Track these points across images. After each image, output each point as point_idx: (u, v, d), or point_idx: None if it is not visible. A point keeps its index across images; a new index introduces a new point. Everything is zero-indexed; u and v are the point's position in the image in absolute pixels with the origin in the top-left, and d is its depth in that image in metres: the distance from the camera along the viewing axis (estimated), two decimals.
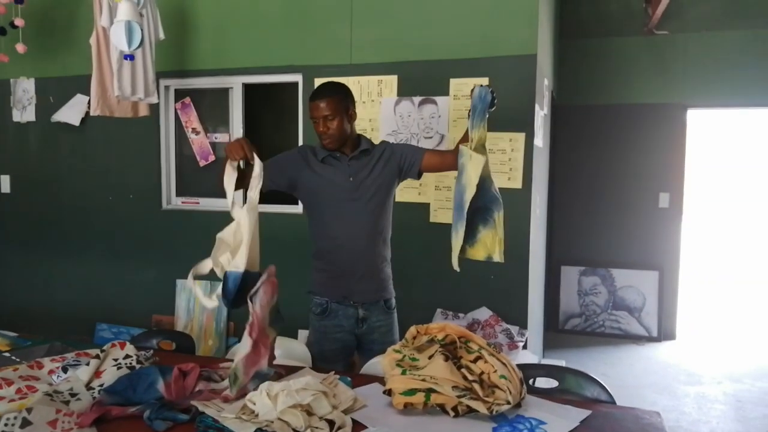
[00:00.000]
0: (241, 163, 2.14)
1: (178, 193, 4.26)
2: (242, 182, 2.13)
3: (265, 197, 2.13)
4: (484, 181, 2.19)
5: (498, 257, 2.25)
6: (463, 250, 2.28)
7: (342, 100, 2.38)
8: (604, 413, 1.74)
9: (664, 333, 5.55)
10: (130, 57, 3.20)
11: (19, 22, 3.77)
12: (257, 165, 2.03)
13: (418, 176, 2.53)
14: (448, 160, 2.43)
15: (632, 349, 5.36)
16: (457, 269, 2.26)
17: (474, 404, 1.65)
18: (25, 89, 4.43)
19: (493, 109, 2.21)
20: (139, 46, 3.08)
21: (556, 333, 5.63)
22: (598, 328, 5.66)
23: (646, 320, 5.56)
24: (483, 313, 3.44)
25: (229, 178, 2.07)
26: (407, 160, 2.48)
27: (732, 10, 5.24)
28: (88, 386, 1.77)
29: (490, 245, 2.26)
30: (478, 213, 2.23)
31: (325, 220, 2.45)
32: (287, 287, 2.77)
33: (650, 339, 5.52)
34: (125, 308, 4.32)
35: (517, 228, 3.44)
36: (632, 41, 5.50)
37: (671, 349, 5.34)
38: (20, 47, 3.80)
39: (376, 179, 2.44)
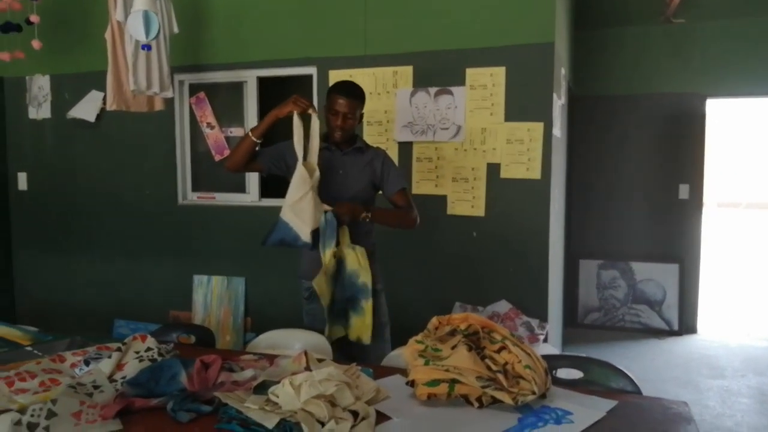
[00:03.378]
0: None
1: (194, 188, 4.26)
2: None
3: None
4: (354, 274, 2.49)
5: (366, 340, 2.51)
6: (338, 331, 2.56)
7: (362, 105, 2.60)
8: (630, 403, 1.71)
9: (685, 326, 5.48)
10: (148, 47, 3.20)
11: (34, 18, 3.77)
12: (315, 120, 2.46)
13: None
14: (397, 218, 2.67)
15: (653, 343, 5.29)
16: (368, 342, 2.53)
17: (498, 395, 1.62)
18: (40, 86, 4.45)
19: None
20: (156, 36, 3.08)
21: (575, 328, 5.57)
22: (618, 323, 5.59)
23: (666, 314, 5.49)
24: (502, 306, 3.40)
25: (298, 133, 2.46)
26: (386, 183, 2.64)
27: None
28: (111, 379, 1.77)
29: (358, 329, 2.52)
30: (348, 303, 2.52)
31: None
32: (294, 277, 2.78)
33: (671, 333, 5.45)
34: (142, 304, 4.33)
35: (536, 219, 3.41)
36: (649, 30, 5.42)
37: (693, 343, 5.27)
38: (36, 44, 3.81)
39: (362, 177, 2.61)
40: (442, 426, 1.56)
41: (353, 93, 2.55)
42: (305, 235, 2.42)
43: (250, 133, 2.50)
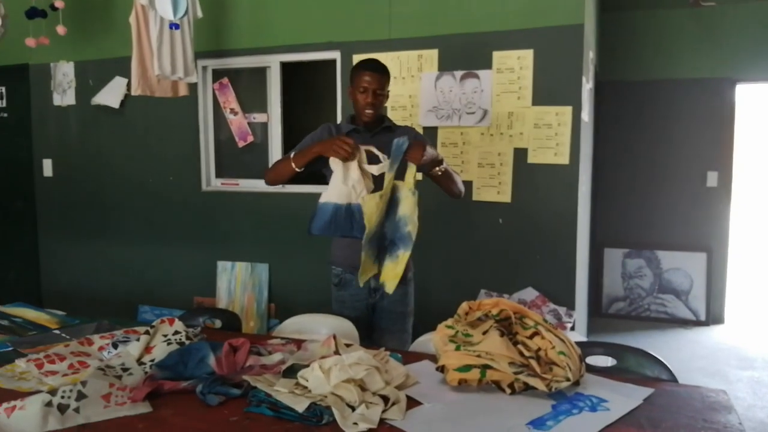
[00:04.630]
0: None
1: (218, 175, 4.25)
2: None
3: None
4: (404, 220, 2.32)
5: (389, 289, 2.37)
6: (370, 268, 2.38)
7: (389, 80, 2.50)
8: (667, 391, 1.66)
9: (713, 316, 5.38)
10: (176, 26, 3.19)
11: (59, 4, 3.79)
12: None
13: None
14: (457, 181, 2.53)
15: (679, 333, 5.20)
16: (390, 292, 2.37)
17: (532, 381, 1.59)
18: (65, 73, 4.46)
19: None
20: (184, 15, 3.06)
21: (600, 317, 5.50)
22: (644, 312, 5.51)
23: (693, 303, 5.39)
24: (529, 294, 3.36)
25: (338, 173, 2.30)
26: None
27: None
28: (139, 362, 1.76)
29: (387, 275, 2.37)
30: (388, 245, 2.37)
31: None
32: (317, 264, 2.74)
33: (698, 323, 5.35)
34: (166, 290, 4.35)
35: (564, 206, 3.35)
36: (678, 13, 5.28)
37: (720, 333, 5.17)
38: (60, 29, 3.82)
39: None
40: (474, 412, 1.53)
41: (380, 68, 2.47)
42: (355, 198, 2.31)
43: (292, 162, 2.37)
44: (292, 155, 2.40)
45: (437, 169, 2.36)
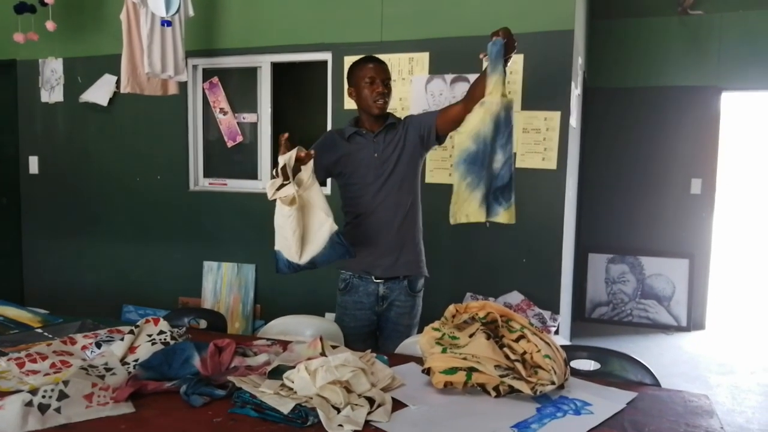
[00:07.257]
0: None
1: (206, 174, 4.24)
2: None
3: None
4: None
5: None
6: (495, 213, 2.35)
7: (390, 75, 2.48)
8: (650, 395, 1.68)
9: (694, 322, 5.43)
10: (168, 23, 3.18)
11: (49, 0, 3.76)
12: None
13: (438, 140, 2.48)
14: (462, 109, 2.33)
15: (661, 338, 5.25)
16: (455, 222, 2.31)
17: (517, 384, 1.60)
18: (53, 69, 4.42)
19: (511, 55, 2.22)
20: (176, 12, 3.05)
21: (583, 322, 5.53)
22: (626, 317, 5.55)
23: (675, 309, 5.44)
24: (514, 297, 3.37)
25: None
26: (424, 126, 2.45)
27: None
28: (123, 361, 1.75)
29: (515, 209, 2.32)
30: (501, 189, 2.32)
31: (352, 195, 2.48)
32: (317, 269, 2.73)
33: (679, 328, 5.41)
34: (151, 290, 4.32)
35: (551, 210, 3.37)
36: (665, 22, 5.33)
37: (701, 339, 5.22)
38: (50, 25, 3.79)
39: (401, 154, 2.44)
40: (459, 415, 1.53)
41: (380, 60, 2.45)
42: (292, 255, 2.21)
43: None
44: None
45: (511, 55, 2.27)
